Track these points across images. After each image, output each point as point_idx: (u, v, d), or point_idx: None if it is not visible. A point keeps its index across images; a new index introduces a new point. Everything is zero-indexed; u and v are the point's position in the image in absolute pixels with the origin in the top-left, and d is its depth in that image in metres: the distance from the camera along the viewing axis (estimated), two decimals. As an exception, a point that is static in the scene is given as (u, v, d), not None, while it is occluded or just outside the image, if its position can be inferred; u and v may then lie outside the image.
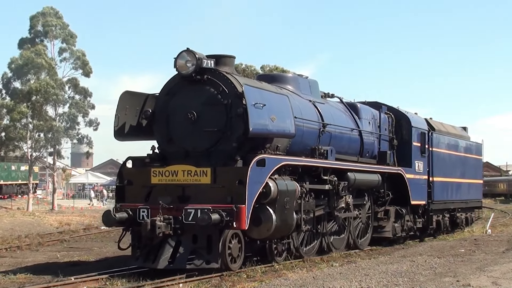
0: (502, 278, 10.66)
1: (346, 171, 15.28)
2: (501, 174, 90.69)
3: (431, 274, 11.33)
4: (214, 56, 13.21)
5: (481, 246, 16.47)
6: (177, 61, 12.84)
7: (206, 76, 12.84)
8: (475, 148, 25.13)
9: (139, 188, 12.99)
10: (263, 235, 12.57)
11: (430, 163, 19.90)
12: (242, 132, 12.45)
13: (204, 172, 12.37)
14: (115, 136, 13.50)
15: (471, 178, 24.20)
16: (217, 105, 12.70)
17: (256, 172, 12.06)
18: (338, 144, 15.50)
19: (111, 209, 12.69)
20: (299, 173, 13.68)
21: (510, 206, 50.87)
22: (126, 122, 13.54)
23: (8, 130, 38.87)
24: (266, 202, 12.30)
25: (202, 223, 11.60)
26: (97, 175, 76.63)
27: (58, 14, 41.40)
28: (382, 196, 17.44)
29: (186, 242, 12.12)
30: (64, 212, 40.11)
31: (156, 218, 11.92)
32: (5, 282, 12.20)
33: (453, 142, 22.29)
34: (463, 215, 23.58)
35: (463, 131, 24.67)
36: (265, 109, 12.44)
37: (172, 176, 12.62)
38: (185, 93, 13.02)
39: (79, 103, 41.16)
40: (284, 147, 13.66)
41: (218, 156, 12.61)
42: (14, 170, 54.74)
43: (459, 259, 13.51)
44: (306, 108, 14.74)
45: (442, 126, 21.99)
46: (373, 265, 12.67)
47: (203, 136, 12.77)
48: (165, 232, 11.97)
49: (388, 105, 18.91)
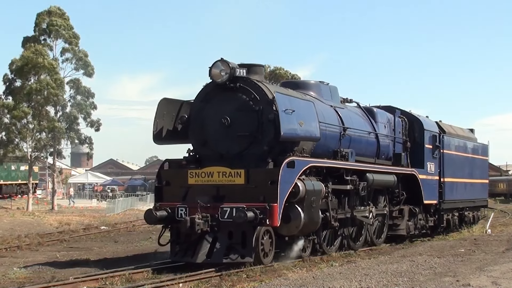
0: (502, 278, 10.80)
1: (365, 172, 16.57)
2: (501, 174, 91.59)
3: (431, 274, 11.51)
4: (245, 65, 14.51)
5: (481, 246, 16.70)
6: (212, 70, 14.14)
7: (239, 84, 14.12)
8: (482, 149, 26.46)
9: (177, 188, 14.26)
10: (292, 231, 13.86)
11: (441, 164, 21.19)
12: (273, 136, 13.72)
13: (238, 173, 13.63)
14: (154, 140, 14.82)
15: (478, 178, 25.53)
16: (249, 111, 13.98)
17: (287, 173, 13.34)
18: (357, 146, 16.77)
19: (152, 208, 13.99)
20: (323, 174, 14.98)
21: (510, 206, 51.05)
22: (164, 127, 14.85)
23: (8, 130, 39.42)
24: (295, 201, 13.56)
25: (239, 220, 12.89)
26: (97, 175, 77.99)
27: (64, 16, 42.13)
28: (397, 196, 18.71)
29: (223, 238, 13.37)
30: (64, 212, 40.62)
31: (195, 216, 13.19)
32: (5, 282, 12.47)
33: (462, 144, 23.64)
34: (470, 214, 24.90)
35: (470, 133, 26.02)
36: (294, 114, 13.72)
37: (208, 177, 13.89)
38: (219, 100, 14.30)
39: (81, 104, 41.86)
40: (309, 150, 14.93)
41: (250, 158, 13.85)
42: (14, 170, 54.91)
43: (459, 259, 13.75)
44: (328, 113, 16.03)
45: (451, 128, 23.32)
46: (373, 265, 12.94)
47: (236, 140, 14.03)
48: (203, 229, 13.24)
49: (401, 109, 20.19)
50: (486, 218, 27.45)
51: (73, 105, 42.15)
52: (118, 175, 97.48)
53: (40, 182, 71.00)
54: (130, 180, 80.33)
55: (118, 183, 75.78)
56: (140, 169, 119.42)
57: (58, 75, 40.19)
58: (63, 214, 37.77)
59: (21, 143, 40.89)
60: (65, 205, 48.82)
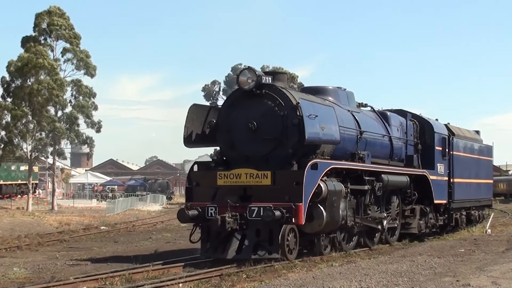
0: (502, 278, 10.90)
1: (380, 173, 17.73)
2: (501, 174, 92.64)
3: (431, 274, 11.65)
4: (270, 72, 15.74)
5: (480, 246, 16.91)
6: (240, 78, 15.33)
7: (264, 90, 15.28)
8: (486, 150, 27.71)
9: (206, 189, 15.42)
10: (315, 229, 15.01)
11: (451, 165, 22.40)
12: (297, 140, 14.86)
13: (265, 175, 14.77)
14: (185, 143, 15.99)
15: (483, 178, 26.76)
16: (275, 116, 15.12)
17: (311, 175, 14.48)
18: (372, 149, 17.90)
19: (184, 207, 15.13)
20: (342, 175, 16.14)
21: (510, 206, 51.44)
22: (193, 131, 16.01)
23: (8, 130, 39.94)
24: (318, 201, 14.72)
25: (267, 219, 14.03)
26: (97, 175, 79.04)
27: (64, 15, 42.63)
28: (409, 196, 19.87)
29: (251, 236, 14.49)
30: (64, 212, 41.14)
31: (225, 215, 14.33)
32: (5, 282, 12.61)
33: (469, 145, 24.86)
34: (476, 213, 26.15)
35: (476, 135, 27.24)
36: (316, 119, 14.86)
37: (236, 178, 15.03)
38: (246, 105, 15.45)
39: (82, 105, 42.43)
40: (329, 152, 16.06)
41: (275, 161, 14.99)
42: (14, 170, 55.08)
43: (459, 259, 13.94)
44: (346, 117, 17.18)
45: (460, 130, 24.50)
46: (373, 265, 13.11)
47: (262, 143, 15.17)
48: (233, 227, 14.38)
49: (412, 112, 21.34)
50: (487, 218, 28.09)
51: (74, 106, 42.66)
52: (118, 175, 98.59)
53: (40, 182, 71.80)
54: (130, 180, 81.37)
55: (118, 183, 76.80)
56: (140, 169, 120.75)
57: (58, 76, 40.76)
58: (63, 214, 38.31)
59: (21, 143, 41.33)
60: (65, 205, 49.39)
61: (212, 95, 69.21)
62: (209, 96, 69.06)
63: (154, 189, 71.22)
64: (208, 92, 69.01)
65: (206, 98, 69.00)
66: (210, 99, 68.99)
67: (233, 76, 67.06)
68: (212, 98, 69.11)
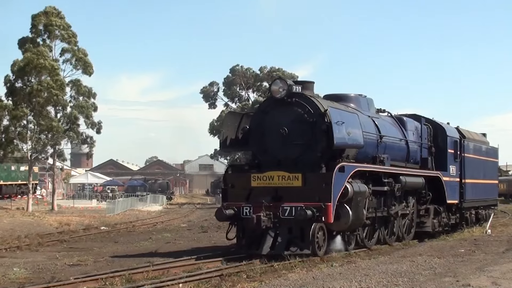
0: (502, 278, 11.05)
1: (399, 175, 19.27)
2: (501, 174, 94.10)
3: (431, 274, 11.83)
4: (299, 82, 17.30)
5: (481, 246, 17.18)
6: (272, 87, 16.89)
7: (294, 99, 16.79)
8: (493, 152, 29.40)
9: (240, 190, 16.93)
10: (341, 227, 16.52)
11: (462, 167, 23.96)
12: (325, 144, 16.37)
13: (296, 177, 16.27)
14: (221, 148, 17.57)
15: (490, 179, 28.40)
16: (304, 122, 16.62)
17: (338, 177, 15.99)
18: (391, 152, 19.40)
19: (221, 207, 16.66)
20: (365, 177, 17.66)
21: (510, 206, 52.38)
22: (228, 136, 17.54)
23: (7, 131, 40.50)
24: (344, 201, 16.22)
25: (300, 218, 15.54)
26: (97, 175, 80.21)
27: (60, 15, 43.18)
28: (423, 196, 21.39)
29: (283, 233, 16.00)
30: (64, 212, 41.55)
31: (260, 214, 15.84)
32: (5, 282, 12.77)
33: (478, 148, 26.47)
34: (483, 212, 27.77)
35: (483, 137, 28.87)
36: (343, 125, 16.39)
37: (269, 180, 16.53)
38: (277, 112, 16.96)
39: (82, 106, 43.15)
40: (353, 156, 17.55)
41: (305, 164, 16.48)
42: (14, 170, 55.41)
43: (459, 259, 14.20)
44: (367, 123, 18.69)
45: (469, 133, 26.07)
46: (373, 265, 13.35)
47: (293, 147, 16.67)
48: (267, 225, 15.89)
49: (425, 117, 22.87)
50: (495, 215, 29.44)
51: (74, 106, 43.28)
52: (118, 175, 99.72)
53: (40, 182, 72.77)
54: (130, 180, 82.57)
55: (118, 183, 77.95)
56: (140, 170, 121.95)
57: (59, 76, 41.35)
58: (63, 215, 38.69)
59: (21, 144, 41.71)
60: (65, 206, 49.87)
61: (211, 96, 70.48)
62: (207, 98, 70.26)
63: (154, 189, 72.34)
64: (207, 93, 70.14)
65: (204, 100, 70.31)
66: (208, 100, 70.29)
67: (231, 77, 68.51)
68: (210, 99, 70.39)
